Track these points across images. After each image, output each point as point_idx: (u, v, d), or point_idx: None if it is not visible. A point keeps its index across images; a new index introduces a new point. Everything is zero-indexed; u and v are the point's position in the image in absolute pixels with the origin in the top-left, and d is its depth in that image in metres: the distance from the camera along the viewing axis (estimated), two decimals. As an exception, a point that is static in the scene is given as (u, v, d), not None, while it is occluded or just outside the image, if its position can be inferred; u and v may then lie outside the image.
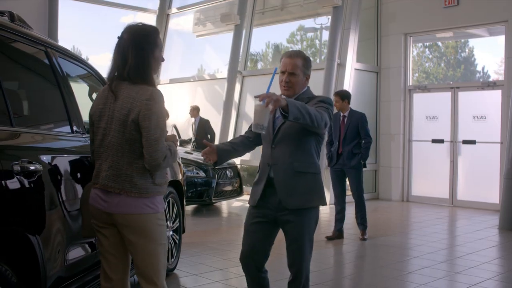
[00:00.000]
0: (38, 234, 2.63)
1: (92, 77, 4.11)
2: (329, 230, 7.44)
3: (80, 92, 3.76)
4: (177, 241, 5.29)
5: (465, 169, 10.71)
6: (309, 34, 13.81)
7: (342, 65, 10.86)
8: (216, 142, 11.82)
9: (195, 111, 11.64)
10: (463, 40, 12.40)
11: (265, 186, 3.24)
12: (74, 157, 3.23)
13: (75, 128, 3.37)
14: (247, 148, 3.50)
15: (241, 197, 10.16)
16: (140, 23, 2.81)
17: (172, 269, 5.20)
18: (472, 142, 10.50)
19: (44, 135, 3.10)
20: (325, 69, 10.67)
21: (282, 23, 13.88)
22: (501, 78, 10.64)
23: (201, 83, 14.45)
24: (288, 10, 13.30)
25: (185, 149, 10.17)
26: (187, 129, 12.46)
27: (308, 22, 13.42)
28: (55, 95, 3.30)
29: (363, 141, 7.12)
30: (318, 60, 13.00)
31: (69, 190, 3.01)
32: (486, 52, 12.09)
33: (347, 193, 7.43)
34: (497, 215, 8.72)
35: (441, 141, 10.93)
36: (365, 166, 7.23)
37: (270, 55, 14.20)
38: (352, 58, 11.00)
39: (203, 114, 11.79)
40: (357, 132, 7.11)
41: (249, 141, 3.48)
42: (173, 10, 15.60)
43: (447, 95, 10.93)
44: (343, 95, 7.32)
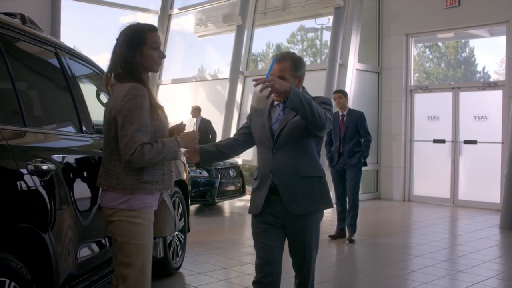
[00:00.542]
0: (51, 232, 2.68)
1: (99, 78, 4.17)
2: (332, 229, 7.49)
3: (88, 92, 3.82)
4: (182, 240, 5.35)
5: (466, 169, 10.75)
6: (310, 34, 13.86)
7: (344, 66, 10.91)
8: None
9: (197, 111, 11.68)
10: (464, 40, 12.45)
11: (268, 194, 3.12)
12: (84, 157, 3.29)
13: (84, 128, 3.42)
14: (235, 151, 3.41)
15: (244, 197, 10.21)
16: (136, 23, 2.83)
17: (178, 268, 5.25)
18: (473, 142, 10.55)
19: (56, 135, 3.15)
20: (327, 70, 10.72)
21: (284, 24, 13.92)
22: (501, 78, 10.69)
23: (203, 83, 14.50)
24: (290, 11, 13.35)
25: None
26: (189, 129, 12.46)
27: (309, 23, 13.47)
28: (65, 96, 3.36)
29: (363, 139, 7.15)
30: (319, 60, 13.07)
31: (80, 189, 3.06)
32: (486, 52, 12.14)
33: None
34: (498, 215, 8.77)
35: (443, 141, 10.98)
36: (366, 165, 7.25)
37: (271, 56, 14.25)
38: (354, 59, 11.05)
39: (205, 115, 11.83)
40: (357, 131, 7.15)
41: (238, 144, 3.36)
42: (175, 11, 15.65)
43: (449, 95, 10.97)
44: (345, 92, 7.43)
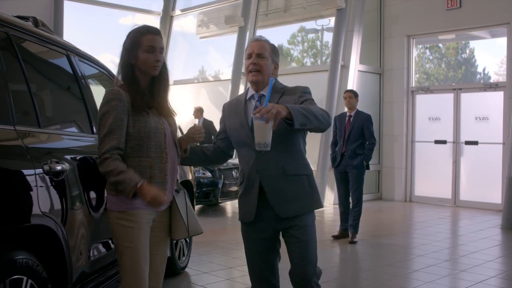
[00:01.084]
0: (65, 231, 2.74)
1: (107, 79, 4.23)
2: (334, 230, 7.54)
3: (97, 93, 3.88)
4: (188, 240, 5.41)
5: (468, 170, 10.82)
6: (310, 36, 13.92)
7: (346, 67, 10.97)
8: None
9: (199, 113, 11.75)
10: (464, 41, 12.51)
11: (259, 196, 2.94)
12: (96, 157, 3.34)
13: (95, 129, 3.48)
14: (218, 158, 3.25)
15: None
16: (140, 25, 2.82)
17: (184, 267, 5.32)
18: (475, 143, 10.61)
19: (69, 136, 3.22)
20: (329, 71, 10.79)
21: (285, 25, 13.98)
22: (501, 79, 10.77)
23: (205, 85, 14.56)
24: (291, 12, 13.41)
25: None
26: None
27: (309, 24, 13.54)
28: (76, 97, 3.42)
29: (367, 142, 7.12)
30: (319, 62, 13.13)
31: (93, 189, 3.12)
32: (487, 53, 12.21)
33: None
34: (499, 215, 8.83)
35: (444, 142, 11.04)
36: (368, 168, 7.22)
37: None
38: (356, 60, 11.11)
39: (207, 116, 11.89)
40: (361, 133, 7.11)
41: (221, 151, 3.22)
42: (177, 12, 15.72)
43: (450, 97, 11.04)
44: (356, 93, 7.37)
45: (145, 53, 2.68)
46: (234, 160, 10.64)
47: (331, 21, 12.32)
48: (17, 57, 2.76)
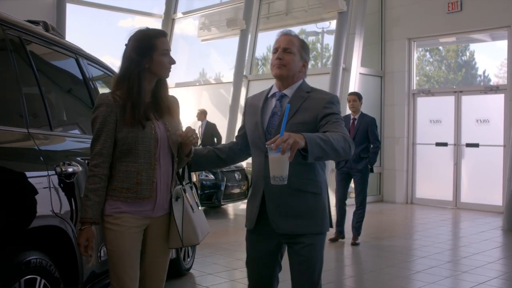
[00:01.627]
0: (76, 231, 2.78)
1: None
2: (330, 232, 7.58)
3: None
4: (193, 242, 5.46)
5: (469, 172, 10.87)
6: (311, 38, 13.98)
7: (347, 70, 11.03)
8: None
9: (203, 115, 11.81)
10: (464, 44, 12.58)
11: (261, 204, 2.73)
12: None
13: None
14: (236, 156, 2.99)
15: (248, 197, 10.29)
16: (145, 28, 2.73)
17: (189, 269, 5.37)
18: (476, 145, 10.66)
19: (79, 138, 3.27)
20: (331, 74, 10.84)
21: (287, 28, 14.00)
22: (502, 82, 10.84)
23: (207, 87, 14.63)
24: (293, 15, 13.48)
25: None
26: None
27: (310, 26, 13.60)
28: (85, 99, 3.47)
29: (372, 146, 7.12)
30: (320, 64, 13.19)
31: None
32: (486, 56, 12.28)
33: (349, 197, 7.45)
34: (500, 217, 8.88)
35: (445, 144, 11.09)
36: (372, 171, 7.22)
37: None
38: (357, 63, 11.17)
39: (209, 118, 11.95)
40: (366, 136, 7.09)
41: (238, 149, 2.97)
42: (179, 15, 15.80)
43: (451, 99, 11.10)
44: (360, 95, 7.34)
45: (161, 56, 2.64)
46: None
47: (332, 24, 12.39)
48: (29, 61, 2.81)
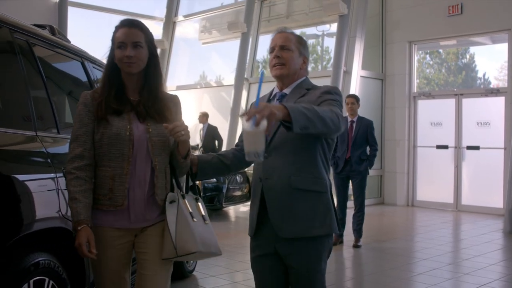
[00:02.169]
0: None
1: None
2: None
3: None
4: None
5: (469, 174, 10.89)
6: (311, 41, 14.02)
7: (348, 73, 11.06)
8: (224, 149, 12.02)
9: (204, 118, 11.81)
10: (464, 47, 12.61)
11: (260, 209, 2.55)
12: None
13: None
14: (239, 161, 2.72)
15: (249, 202, 10.32)
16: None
17: (192, 271, 5.40)
18: (476, 148, 10.69)
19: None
20: (332, 77, 10.87)
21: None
22: (501, 84, 10.88)
23: (208, 90, 14.66)
24: (294, 18, 13.51)
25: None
26: (194, 135, 12.64)
27: (310, 29, 13.64)
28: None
29: (371, 148, 7.16)
30: (320, 67, 13.22)
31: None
32: (486, 59, 12.32)
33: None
34: (501, 219, 8.91)
35: (446, 147, 11.12)
36: (369, 173, 7.29)
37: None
38: (358, 66, 11.20)
39: (210, 121, 11.97)
40: (366, 139, 7.13)
41: (239, 152, 2.70)
42: (180, 18, 15.84)
43: (451, 102, 11.13)
44: (358, 98, 7.37)
45: (117, 49, 2.42)
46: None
47: (332, 27, 12.43)
48: (37, 64, 2.85)
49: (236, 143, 2.82)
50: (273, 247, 2.53)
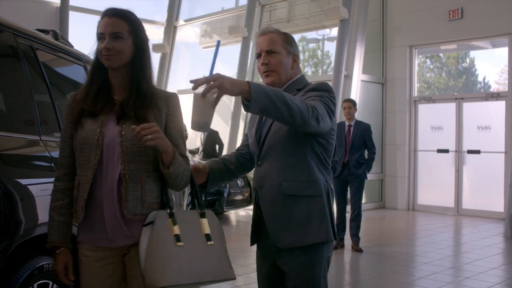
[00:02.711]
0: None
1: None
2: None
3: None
4: (197, 248, 5.49)
5: (470, 179, 10.90)
6: (311, 45, 14.05)
7: (349, 77, 11.08)
8: (224, 154, 12.02)
9: None
10: (464, 51, 12.64)
11: (257, 218, 2.46)
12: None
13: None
14: (242, 166, 2.63)
15: (250, 206, 10.34)
16: None
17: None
18: (477, 152, 10.70)
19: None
20: (332, 81, 10.89)
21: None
22: (502, 88, 10.90)
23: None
24: (295, 23, 13.54)
25: (195, 159, 10.37)
26: (195, 139, 12.66)
27: (311, 34, 13.67)
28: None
29: (370, 152, 7.17)
30: (320, 71, 13.26)
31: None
32: (486, 63, 12.36)
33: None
34: (502, 223, 8.92)
35: (446, 151, 11.13)
36: (367, 177, 7.31)
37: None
38: (359, 70, 11.23)
39: (211, 125, 11.94)
40: (364, 142, 7.15)
41: (242, 156, 2.62)
42: (181, 22, 15.88)
43: (452, 106, 11.14)
44: (355, 102, 7.40)
45: (98, 42, 2.17)
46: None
47: (332, 31, 12.47)
48: (40, 69, 2.87)
49: (238, 148, 2.71)
50: (272, 257, 2.43)
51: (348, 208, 7.37)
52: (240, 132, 12.88)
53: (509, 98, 10.16)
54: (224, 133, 12.54)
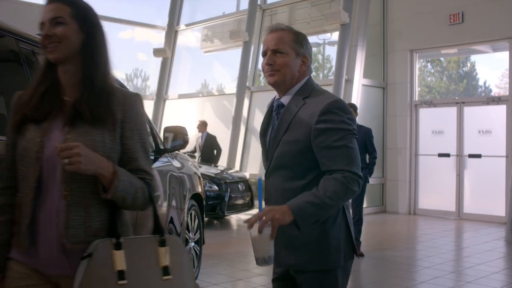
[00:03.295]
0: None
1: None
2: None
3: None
4: (198, 252, 5.50)
5: (471, 183, 10.89)
6: (312, 49, 14.05)
7: (350, 81, 11.10)
8: (223, 158, 12.02)
9: (203, 126, 11.66)
10: (465, 55, 12.66)
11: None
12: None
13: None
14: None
15: (251, 211, 10.33)
16: None
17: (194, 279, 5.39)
18: (478, 156, 10.69)
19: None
20: (333, 85, 10.91)
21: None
22: (503, 92, 10.91)
23: (210, 99, 14.69)
24: (295, 27, 13.20)
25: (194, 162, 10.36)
26: (192, 143, 12.60)
27: (311, 38, 13.67)
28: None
29: (371, 156, 7.16)
30: (321, 75, 13.26)
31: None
32: (487, 67, 12.38)
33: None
34: (503, 228, 8.91)
35: (447, 155, 11.13)
36: (368, 181, 7.31)
37: None
38: (360, 74, 11.24)
39: (212, 130, 11.93)
40: (365, 146, 7.12)
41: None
42: (182, 27, 15.90)
43: (453, 110, 11.14)
44: (356, 107, 7.38)
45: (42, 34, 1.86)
46: (240, 174, 10.75)
47: (333, 36, 12.48)
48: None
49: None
50: (286, 271, 2.28)
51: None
52: (241, 137, 12.89)
53: (510, 102, 10.16)
54: (226, 138, 12.55)
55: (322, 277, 2.18)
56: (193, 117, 13.65)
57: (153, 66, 16.48)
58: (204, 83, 15.94)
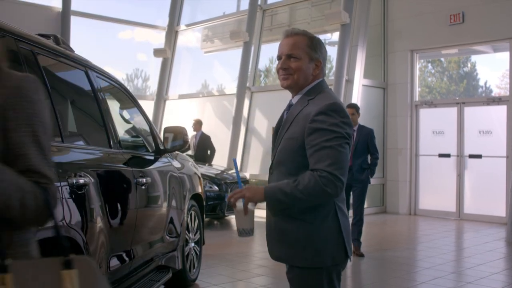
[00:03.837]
0: (87, 241, 2.82)
1: (122, 93, 4.34)
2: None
3: (113, 108, 3.98)
4: (198, 253, 5.49)
5: (472, 183, 10.89)
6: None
7: (350, 81, 11.09)
8: (224, 158, 12.02)
9: (198, 125, 11.51)
10: (465, 55, 12.64)
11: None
12: (115, 171, 3.44)
13: (112, 143, 3.58)
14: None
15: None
16: None
17: (194, 279, 5.39)
18: (478, 156, 10.69)
19: (90, 150, 3.31)
20: (334, 85, 10.90)
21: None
22: (503, 93, 10.90)
23: (210, 99, 14.69)
24: (296, 27, 13.53)
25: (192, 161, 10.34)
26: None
27: (311, 38, 13.67)
28: (95, 111, 3.52)
29: (372, 157, 7.17)
30: (322, 76, 13.24)
31: (113, 201, 3.21)
32: (488, 67, 12.36)
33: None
34: (504, 228, 8.90)
35: (448, 156, 11.12)
36: (370, 182, 7.29)
37: (274, 70, 14.44)
38: (360, 74, 11.23)
39: (212, 130, 11.91)
40: (367, 147, 7.14)
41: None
42: (182, 27, 15.90)
43: (453, 110, 11.14)
44: (358, 107, 7.36)
45: None
46: (241, 174, 10.72)
47: (334, 36, 12.47)
48: (41, 74, 2.86)
49: None
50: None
51: (350, 213, 7.35)
52: (242, 137, 12.87)
53: (511, 103, 10.15)
54: (226, 138, 12.54)
55: (307, 275, 2.24)
56: (193, 118, 13.64)
57: (153, 67, 16.47)
58: (205, 84, 15.93)
